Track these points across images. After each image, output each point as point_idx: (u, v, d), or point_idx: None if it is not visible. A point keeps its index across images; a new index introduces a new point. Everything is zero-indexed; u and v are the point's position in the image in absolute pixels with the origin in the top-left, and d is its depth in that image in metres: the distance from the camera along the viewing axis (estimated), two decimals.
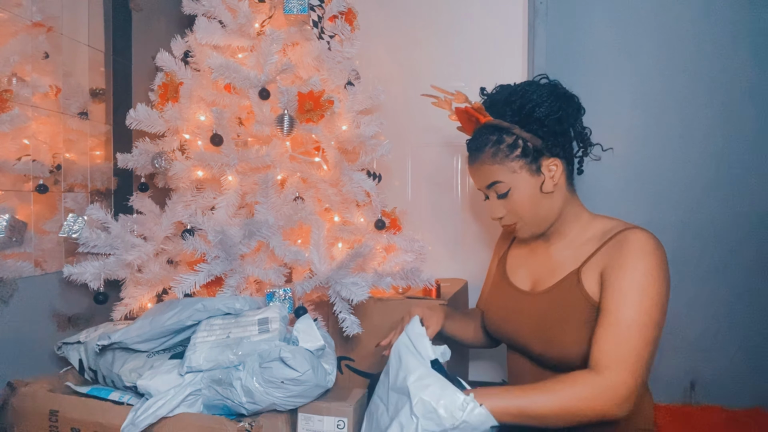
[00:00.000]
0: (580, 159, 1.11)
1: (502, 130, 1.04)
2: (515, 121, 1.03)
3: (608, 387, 0.88)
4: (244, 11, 1.32)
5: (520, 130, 1.02)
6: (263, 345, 1.01)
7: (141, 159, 1.39)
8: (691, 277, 1.80)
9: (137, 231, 1.34)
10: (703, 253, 1.81)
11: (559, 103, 1.03)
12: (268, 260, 1.28)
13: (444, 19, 1.74)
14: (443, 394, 0.85)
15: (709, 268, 1.80)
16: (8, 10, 1.20)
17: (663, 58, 1.83)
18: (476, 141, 1.08)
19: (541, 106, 1.02)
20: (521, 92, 1.04)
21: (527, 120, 1.03)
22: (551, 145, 1.03)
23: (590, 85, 1.87)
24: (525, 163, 1.03)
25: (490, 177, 1.06)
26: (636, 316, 0.91)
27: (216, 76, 1.30)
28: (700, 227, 1.82)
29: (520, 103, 1.03)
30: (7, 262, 1.21)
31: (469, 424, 0.83)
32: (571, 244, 1.08)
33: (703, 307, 1.82)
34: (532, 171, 1.03)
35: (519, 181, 1.04)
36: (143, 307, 1.34)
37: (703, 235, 1.82)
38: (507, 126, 1.03)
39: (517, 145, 1.03)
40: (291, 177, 1.34)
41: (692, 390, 1.82)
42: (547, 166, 1.03)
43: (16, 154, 1.24)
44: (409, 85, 1.75)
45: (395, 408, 0.91)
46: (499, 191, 1.06)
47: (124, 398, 1.08)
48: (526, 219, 1.07)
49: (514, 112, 1.03)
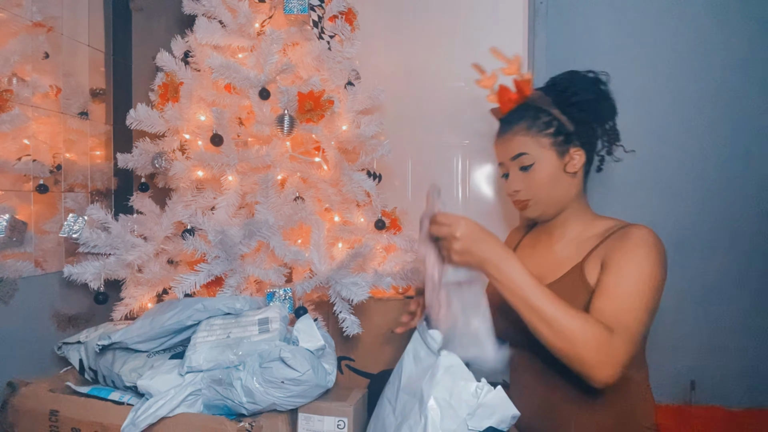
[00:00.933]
0: (602, 157, 1.15)
1: (540, 109, 1.09)
2: (556, 102, 1.09)
3: (612, 346, 0.89)
4: (244, 11, 1.32)
5: (558, 112, 1.08)
6: (263, 345, 1.01)
7: (141, 159, 1.39)
8: (691, 277, 1.80)
9: (137, 231, 1.34)
10: (704, 254, 1.81)
11: (597, 95, 1.09)
12: (268, 260, 1.28)
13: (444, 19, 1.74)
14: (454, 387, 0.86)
15: (709, 268, 1.80)
16: (8, 10, 1.20)
17: (663, 58, 1.83)
18: (514, 115, 1.13)
19: (580, 94, 1.08)
20: (566, 78, 1.11)
21: (566, 103, 1.08)
22: (581, 134, 1.09)
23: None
24: (554, 143, 1.08)
25: (518, 148, 1.10)
26: (634, 294, 0.95)
27: (216, 76, 1.30)
28: (701, 227, 1.82)
29: (563, 86, 1.09)
30: (7, 262, 1.21)
31: (487, 407, 0.83)
32: (574, 241, 1.12)
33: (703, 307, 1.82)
34: (559, 152, 1.08)
35: (544, 158, 1.08)
36: (143, 307, 1.34)
37: (703, 236, 1.82)
38: (546, 104, 1.09)
39: (552, 124, 1.08)
40: (291, 177, 1.34)
41: (692, 390, 1.82)
42: (571, 154, 1.09)
43: (17, 154, 1.24)
44: (409, 85, 1.75)
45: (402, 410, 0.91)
46: (523, 163, 1.10)
47: (125, 398, 1.08)
48: (540, 197, 1.11)
49: (557, 94, 1.09)
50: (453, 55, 1.73)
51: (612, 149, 1.14)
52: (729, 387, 1.79)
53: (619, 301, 0.94)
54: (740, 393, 1.78)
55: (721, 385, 1.80)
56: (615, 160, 1.15)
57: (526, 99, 1.13)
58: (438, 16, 1.74)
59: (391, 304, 1.32)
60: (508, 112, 1.15)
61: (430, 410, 0.84)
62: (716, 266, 1.80)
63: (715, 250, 1.81)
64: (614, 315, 0.92)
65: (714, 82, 1.80)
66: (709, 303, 1.80)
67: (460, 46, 1.73)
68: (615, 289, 0.96)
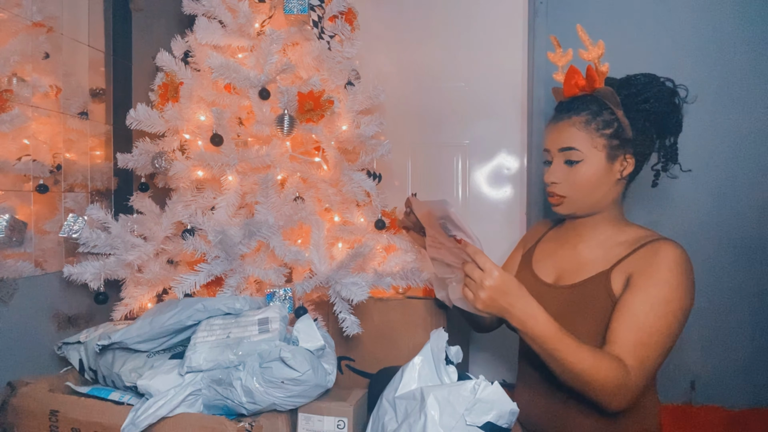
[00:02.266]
0: (657, 172, 1.11)
1: (605, 106, 1.04)
2: (624, 103, 1.04)
3: (629, 386, 0.90)
4: (244, 11, 1.32)
5: (622, 114, 1.03)
6: (263, 345, 1.01)
7: (141, 159, 1.39)
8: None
9: (137, 231, 1.34)
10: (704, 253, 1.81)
11: (669, 109, 1.04)
12: (268, 260, 1.28)
13: (444, 19, 1.74)
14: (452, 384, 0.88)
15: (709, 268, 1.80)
16: (8, 10, 1.20)
17: (663, 57, 1.83)
18: (575, 102, 1.07)
19: (652, 102, 1.02)
20: (642, 81, 1.05)
21: (634, 108, 1.03)
22: (639, 143, 1.04)
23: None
24: (608, 145, 1.03)
25: (570, 140, 1.05)
26: (659, 325, 0.93)
27: (216, 76, 1.30)
28: (701, 228, 1.82)
29: (636, 89, 1.04)
30: (7, 262, 1.21)
31: (485, 403, 0.84)
32: (603, 245, 1.09)
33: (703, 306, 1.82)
34: (610, 156, 1.04)
35: (594, 158, 1.04)
36: (143, 307, 1.34)
37: (703, 236, 1.82)
38: (613, 102, 1.03)
39: (612, 125, 1.03)
40: (291, 177, 1.34)
41: (692, 390, 1.82)
42: (620, 161, 1.04)
43: (17, 154, 1.24)
44: (409, 85, 1.75)
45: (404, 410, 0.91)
46: (570, 157, 1.05)
47: (124, 398, 1.08)
48: (578, 196, 1.07)
49: (627, 95, 1.04)
50: (453, 55, 1.73)
51: (668, 166, 1.11)
52: (729, 387, 1.79)
53: (641, 334, 0.93)
54: (740, 393, 1.78)
55: (721, 385, 1.80)
56: (670, 177, 1.10)
57: (594, 90, 1.06)
58: (438, 16, 1.74)
59: (391, 304, 1.32)
60: (570, 98, 1.09)
61: (430, 408, 0.84)
62: (717, 266, 1.80)
63: (715, 251, 1.81)
64: (634, 349, 0.91)
65: (714, 82, 1.80)
66: (710, 303, 1.80)
67: (460, 46, 1.73)
68: (639, 318, 0.94)
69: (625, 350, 0.92)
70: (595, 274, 1.06)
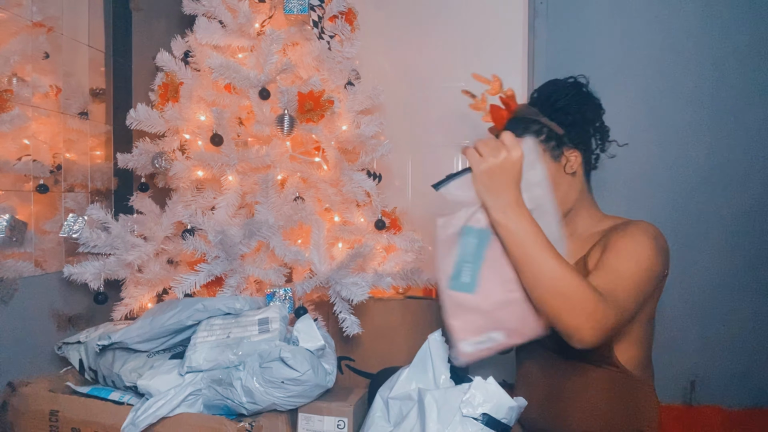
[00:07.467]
0: (597, 156, 1.18)
1: (530, 119, 1.14)
2: (542, 110, 1.13)
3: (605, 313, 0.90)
4: (244, 11, 1.32)
5: (546, 119, 1.12)
6: (263, 345, 1.01)
7: (141, 159, 1.39)
8: (691, 277, 1.80)
9: (137, 231, 1.34)
10: (704, 254, 1.81)
11: (579, 98, 1.13)
12: (268, 260, 1.28)
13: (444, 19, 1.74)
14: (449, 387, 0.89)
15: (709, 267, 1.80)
16: (8, 10, 1.20)
17: (664, 57, 1.83)
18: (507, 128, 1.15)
19: (563, 99, 1.12)
20: (548, 86, 1.16)
21: (551, 109, 1.12)
22: (572, 135, 1.12)
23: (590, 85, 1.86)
24: (547, 148, 1.11)
25: None
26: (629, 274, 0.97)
27: (216, 76, 1.30)
28: (701, 227, 1.82)
29: (546, 95, 1.14)
30: (8, 262, 1.21)
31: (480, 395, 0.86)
32: (580, 237, 1.15)
33: (703, 307, 1.82)
34: (554, 156, 1.11)
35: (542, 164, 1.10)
36: (143, 307, 1.34)
37: (703, 235, 1.81)
38: (534, 114, 1.13)
39: (542, 131, 1.12)
40: (291, 177, 1.34)
41: (692, 390, 1.82)
42: (567, 156, 1.11)
43: (17, 154, 1.24)
44: (409, 85, 1.75)
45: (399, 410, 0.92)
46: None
47: (125, 398, 1.08)
48: None
49: (542, 102, 1.14)
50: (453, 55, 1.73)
51: (605, 146, 1.17)
52: (729, 387, 1.79)
53: (613, 277, 0.97)
54: (740, 393, 1.78)
55: (721, 385, 1.80)
56: (609, 156, 1.18)
57: (514, 113, 1.17)
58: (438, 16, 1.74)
59: (391, 304, 1.32)
60: (502, 128, 1.18)
61: (427, 405, 0.85)
62: (717, 267, 1.80)
63: (716, 251, 1.81)
64: (607, 288, 0.94)
65: (713, 81, 1.80)
66: (710, 303, 1.80)
67: (460, 46, 1.73)
68: (611, 266, 0.98)
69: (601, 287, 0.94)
70: (574, 262, 1.11)
